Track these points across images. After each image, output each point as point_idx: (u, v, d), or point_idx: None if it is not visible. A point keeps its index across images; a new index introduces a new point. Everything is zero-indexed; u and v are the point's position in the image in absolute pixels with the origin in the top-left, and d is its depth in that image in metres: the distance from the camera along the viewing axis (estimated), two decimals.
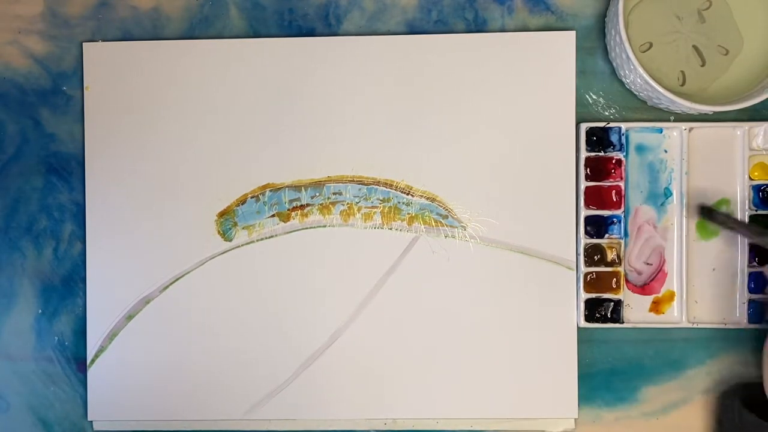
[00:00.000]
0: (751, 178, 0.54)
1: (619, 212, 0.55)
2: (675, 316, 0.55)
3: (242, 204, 0.56)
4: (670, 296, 0.55)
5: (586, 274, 0.55)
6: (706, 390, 0.55)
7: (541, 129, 0.55)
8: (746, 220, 0.54)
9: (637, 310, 0.55)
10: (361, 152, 0.56)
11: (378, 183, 0.56)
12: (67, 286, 0.57)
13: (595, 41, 0.56)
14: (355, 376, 0.55)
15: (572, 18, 0.56)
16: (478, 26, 0.56)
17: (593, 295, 0.55)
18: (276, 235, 0.56)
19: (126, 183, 0.56)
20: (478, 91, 0.55)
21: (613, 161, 0.55)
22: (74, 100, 0.57)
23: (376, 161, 0.56)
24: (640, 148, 0.55)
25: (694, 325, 0.55)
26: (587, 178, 0.55)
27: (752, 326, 0.54)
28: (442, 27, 0.56)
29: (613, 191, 0.55)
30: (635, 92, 0.54)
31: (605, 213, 0.55)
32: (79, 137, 0.57)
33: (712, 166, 0.55)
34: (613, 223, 0.55)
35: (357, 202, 0.56)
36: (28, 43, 0.57)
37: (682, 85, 0.55)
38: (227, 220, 0.56)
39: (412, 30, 0.56)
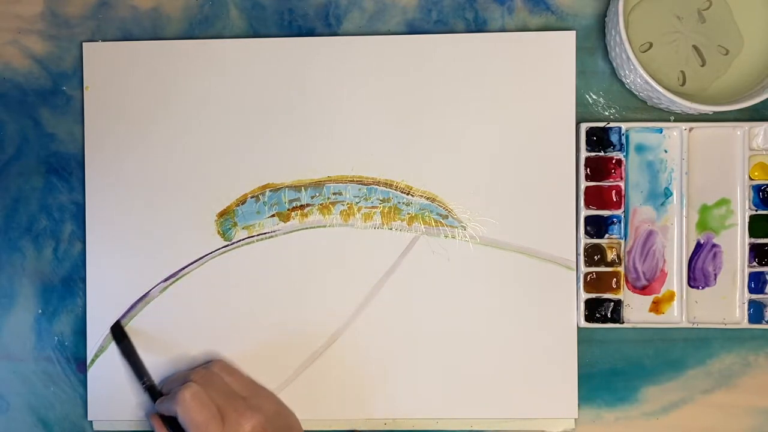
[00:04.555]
0: (751, 178, 0.54)
1: (619, 212, 0.55)
2: (675, 316, 0.55)
3: (242, 204, 0.56)
4: (670, 296, 0.55)
5: (586, 274, 0.55)
6: (706, 390, 0.55)
7: (541, 129, 0.55)
8: (746, 219, 0.54)
9: (637, 310, 0.55)
10: (361, 152, 0.56)
11: (378, 183, 0.56)
12: (67, 286, 0.57)
13: (595, 41, 0.56)
14: (355, 376, 0.55)
15: (572, 18, 0.56)
16: (478, 26, 0.56)
17: (593, 295, 0.55)
18: (276, 235, 0.56)
19: (126, 183, 0.56)
20: (478, 91, 0.55)
21: (613, 161, 0.55)
22: (74, 100, 0.57)
23: (376, 161, 0.56)
24: (640, 148, 0.55)
25: (694, 325, 0.55)
26: (587, 178, 0.55)
27: (752, 326, 0.54)
28: (442, 27, 0.56)
29: (613, 191, 0.55)
30: (635, 92, 0.54)
31: (605, 213, 0.55)
32: (79, 137, 0.57)
33: (712, 166, 0.55)
34: (613, 223, 0.55)
35: (357, 202, 0.56)
36: (28, 43, 0.57)
37: (682, 85, 0.55)
38: (227, 220, 0.56)
39: (412, 30, 0.56)
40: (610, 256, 0.55)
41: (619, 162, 0.55)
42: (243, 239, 0.56)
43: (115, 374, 0.56)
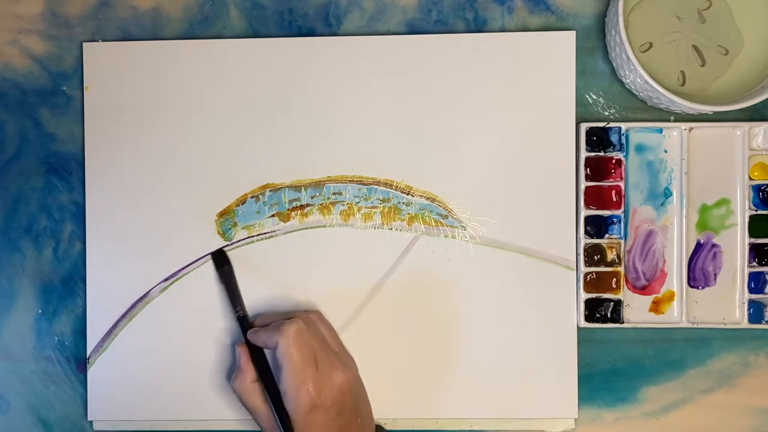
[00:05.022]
0: (751, 178, 0.54)
1: (619, 212, 0.55)
2: (675, 316, 0.55)
3: (242, 204, 0.56)
4: (670, 296, 0.55)
5: (586, 274, 0.55)
6: (706, 390, 0.55)
7: (541, 129, 0.55)
8: (746, 219, 0.54)
9: (637, 310, 0.55)
10: (361, 152, 0.56)
11: (378, 183, 0.56)
12: (67, 286, 0.57)
13: (595, 41, 0.56)
14: None
15: (572, 18, 0.56)
16: (478, 26, 0.56)
17: (593, 295, 0.55)
18: (276, 235, 0.56)
19: (126, 183, 0.56)
20: (478, 91, 0.55)
21: (613, 161, 0.55)
22: (74, 100, 0.57)
23: (376, 161, 0.56)
24: (640, 148, 0.55)
25: (694, 325, 0.55)
26: (587, 178, 0.55)
27: (752, 326, 0.54)
28: (442, 27, 0.56)
29: (613, 191, 0.55)
30: (635, 92, 0.54)
31: (605, 213, 0.55)
32: (79, 137, 0.57)
33: (712, 166, 0.55)
34: (613, 223, 0.55)
35: (357, 202, 0.56)
36: (28, 43, 0.57)
37: (682, 85, 0.55)
38: (227, 220, 0.56)
39: (412, 30, 0.56)
40: (610, 256, 0.55)
41: (619, 162, 0.55)
42: (243, 239, 0.56)
43: (115, 374, 0.56)
